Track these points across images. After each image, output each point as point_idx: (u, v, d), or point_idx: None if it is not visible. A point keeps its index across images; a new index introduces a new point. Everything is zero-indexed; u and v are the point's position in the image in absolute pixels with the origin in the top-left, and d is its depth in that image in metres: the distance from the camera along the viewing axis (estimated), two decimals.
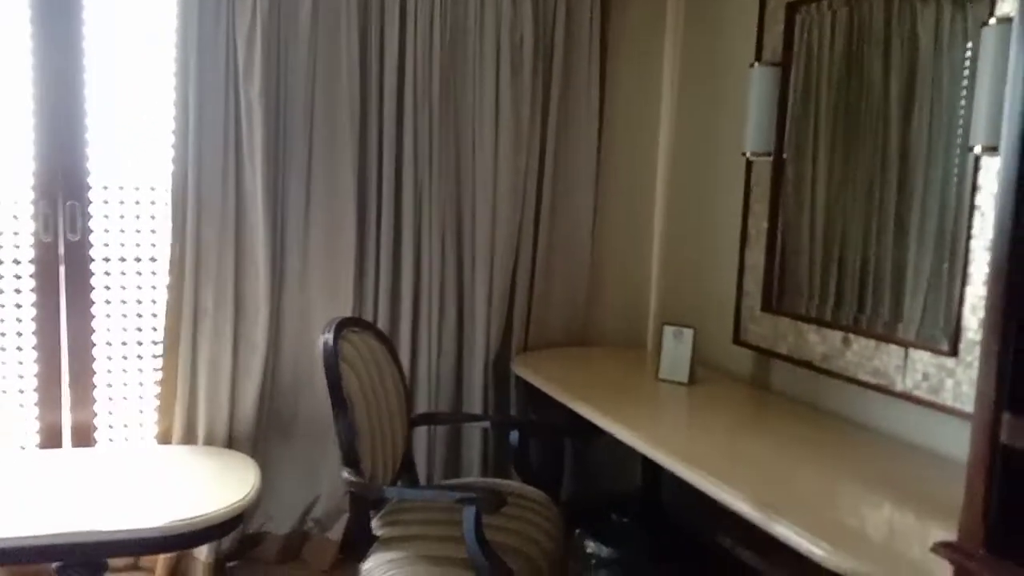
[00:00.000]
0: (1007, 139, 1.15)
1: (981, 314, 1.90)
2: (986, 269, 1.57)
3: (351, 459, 2.07)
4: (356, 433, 2.09)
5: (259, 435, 2.81)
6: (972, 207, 1.95)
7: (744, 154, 2.66)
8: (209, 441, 2.73)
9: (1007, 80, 1.15)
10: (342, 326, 2.24)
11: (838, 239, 2.44)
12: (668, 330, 2.75)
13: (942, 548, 1.24)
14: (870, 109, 2.31)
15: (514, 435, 2.59)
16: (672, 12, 3.20)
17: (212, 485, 2.35)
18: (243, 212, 2.73)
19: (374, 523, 2.16)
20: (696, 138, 3.11)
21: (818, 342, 2.44)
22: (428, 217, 2.94)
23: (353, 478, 2.05)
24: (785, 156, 2.59)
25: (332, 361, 2.10)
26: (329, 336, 2.15)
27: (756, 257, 2.71)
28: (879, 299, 2.29)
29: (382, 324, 2.86)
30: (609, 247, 3.30)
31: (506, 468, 3.07)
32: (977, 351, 1.77)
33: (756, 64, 2.60)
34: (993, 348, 1.17)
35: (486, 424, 2.98)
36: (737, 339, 2.80)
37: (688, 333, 2.70)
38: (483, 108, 2.96)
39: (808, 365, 2.47)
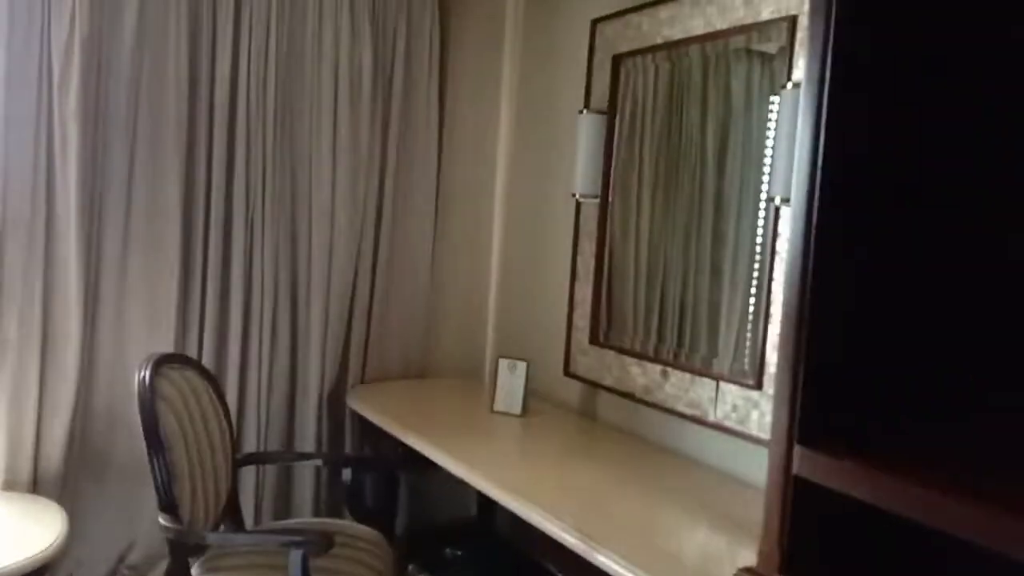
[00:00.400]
0: (795, 193, 1.28)
1: None
2: None
3: (168, 504, 1.96)
4: (174, 476, 1.98)
5: (68, 477, 2.58)
6: (774, 252, 2.14)
7: (573, 195, 2.78)
8: (9, 486, 2.48)
9: (796, 140, 1.28)
10: (161, 362, 2.12)
11: (660, 278, 2.59)
12: (503, 363, 2.80)
13: (743, 573, 1.34)
14: (689, 157, 2.48)
15: (347, 472, 2.54)
16: (509, 52, 3.30)
17: (11, 534, 2.13)
18: (54, 233, 2.51)
19: (194, 571, 2.04)
20: (531, 177, 3.21)
21: (640, 374, 2.57)
22: (260, 244, 2.85)
23: (170, 524, 1.93)
24: (611, 199, 2.73)
25: (148, 400, 1.98)
26: (146, 373, 2.03)
27: (584, 293, 2.83)
28: (696, 335, 2.45)
29: (207, 359, 2.73)
30: (448, 280, 3.33)
31: (339, 506, 3.00)
32: None
33: (584, 111, 2.74)
34: (785, 383, 1.28)
35: (318, 462, 2.90)
36: (567, 371, 2.90)
37: (522, 366, 2.77)
38: (320, 131, 2.92)
39: (631, 397, 2.59)
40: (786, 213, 2.10)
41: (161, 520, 1.94)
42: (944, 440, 1.29)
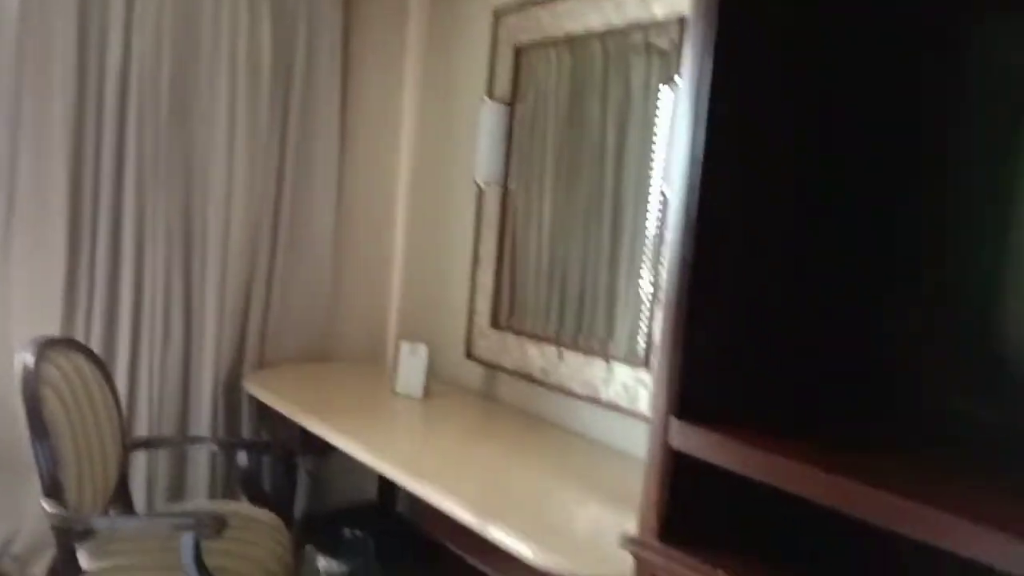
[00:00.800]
0: (676, 185, 1.36)
1: None
2: None
3: (52, 489, 1.90)
4: (58, 462, 1.92)
5: None
6: (662, 239, 2.24)
7: (476, 182, 2.82)
8: None
9: (676, 134, 1.36)
10: (45, 346, 2.05)
11: (560, 264, 2.66)
12: (404, 345, 2.83)
13: (625, 541, 1.42)
14: (589, 147, 2.55)
15: (242, 456, 2.51)
16: (412, 38, 3.31)
17: None
18: None
19: (82, 555, 1.99)
20: (434, 163, 3.23)
21: (538, 356, 2.64)
22: (152, 227, 2.77)
23: (55, 510, 1.88)
24: (512, 186, 2.79)
25: (32, 385, 1.92)
26: (29, 357, 1.96)
27: (485, 277, 2.88)
28: (593, 319, 2.53)
29: (96, 343, 2.64)
30: (350, 264, 3.32)
31: (236, 491, 2.96)
32: None
33: (487, 99, 2.78)
34: (665, 363, 1.37)
35: (212, 446, 2.85)
36: (469, 354, 2.95)
37: (423, 348, 2.80)
38: (216, 115, 2.85)
39: (530, 378, 2.67)
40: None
41: (45, 506, 1.88)
42: (806, 417, 1.40)
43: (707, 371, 1.35)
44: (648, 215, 2.33)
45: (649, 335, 2.27)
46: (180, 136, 2.81)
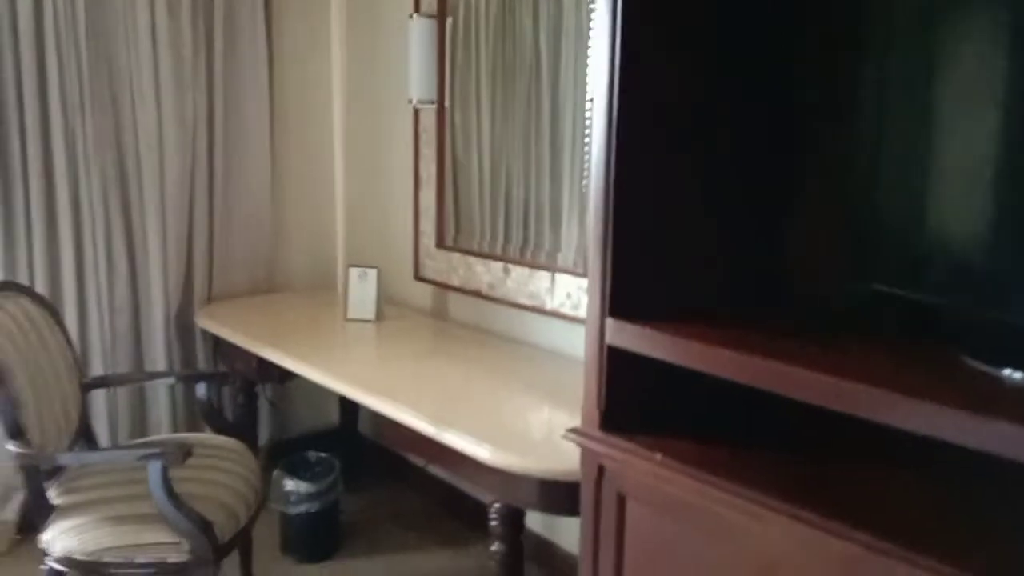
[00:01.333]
0: (596, 96, 1.40)
1: None
2: None
3: (16, 431, 1.93)
4: (18, 404, 1.95)
5: None
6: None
7: (411, 102, 2.81)
8: None
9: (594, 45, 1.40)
10: None
11: (503, 180, 2.70)
12: (353, 271, 2.87)
13: (570, 433, 1.52)
14: (523, 60, 2.55)
15: (200, 387, 2.55)
16: None
17: None
18: None
19: (51, 493, 2.05)
20: (366, 86, 3.21)
21: (484, 272, 2.71)
22: (85, 166, 2.73)
23: (20, 449, 1.92)
24: (448, 104, 2.79)
25: None
26: None
27: (428, 198, 2.91)
28: (539, 233, 2.58)
29: (41, 285, 2.63)
30: (291, 193, 3.32)
31: (198, 423, 3.02)
32: None
33: (414, 15, 2.75)
34: (597, 266, 1.44)
35: (170, 380, 2.89)
36: (417, 275, 3.01)
37: (372, 273, 2.84)
38: (139, 47, 2.80)
39: (477, 294, 2.74)
40: None
41: (10, 446, 1.92)
42: (726, 309, 1.50)
43: (634, 271, 1.43)
44: (587, 126, 2.37)
45: None
46: (101, 68, 2.74)
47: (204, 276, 3.06)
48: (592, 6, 2.27)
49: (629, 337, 1.40)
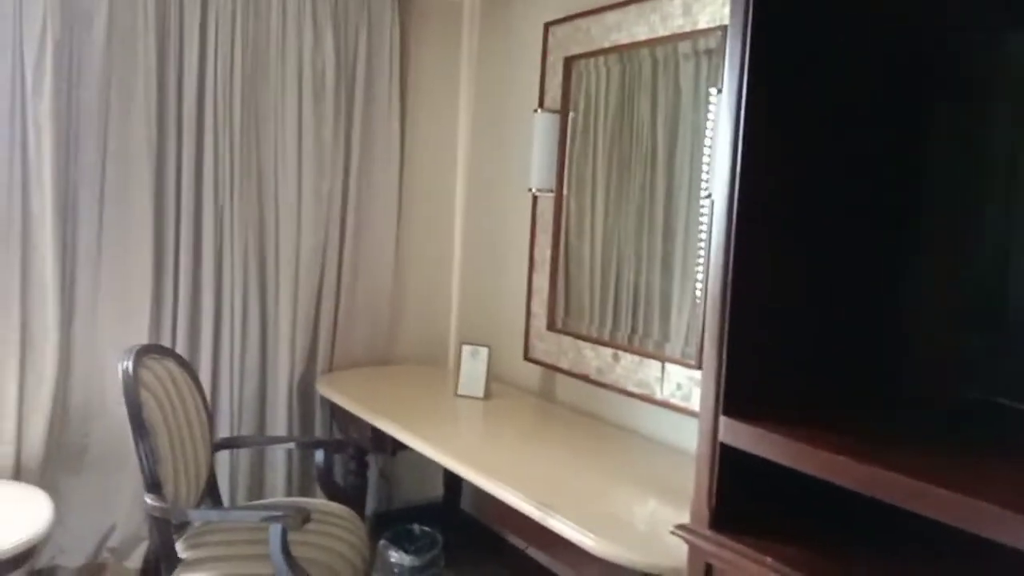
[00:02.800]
0: (717, 191, 1.45)
1: None
2: None
3: (153, 484, 2.09)
4: (157, 459, 2.11)
5: (47, 466, 2.69)
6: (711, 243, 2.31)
7: (530, 190, 2.94)
8: None
9: (716, 142, 1.46)
10: (141, 353, 2.24)
11: (613, 268, 2.76)
12: (466, 348, 2.96)
13: (679, 529, 1.52)
14: (640, 153, 2.63)
15: (319, 454, 2.68)
16: (466, 51, 3.45)
17: None
18: (29, 234, 2.60)
19: (178, 547, 2.18)
20: (489, 172, 3.37)
21: (593, 358, 2.75)
22: (230, 240, 2.97)
23: (156, 503, 2.06)
24: (565, 192, 2.90)
25: (132, 388, 2.11)
26: (128, 363, 2.15)
27: (541, 282, 3.00)
28: (648, 321, 2.61)
29: (181, 349, 2.85)
30: (411, 272, 3.48)
31: (311, 487, 3.15)
32: None
33: (539, 110, 2.90)
34: (711, 362, 1.47)
35: (290, 445, 3.04)
36: (527, 356, 3.07)
37: (484, 351, 2.93)
38: (285, 132, 3.04)
39: (586, 378, 2.78)
40: None
41: (147, 499, 2.07)
42: (841, 408, 1.49)
43: (749, 368, 1.45)
44: (701, 218, 2.41)
45: (702, 335, 2.36)
46: (251, 149, 3.00)
47: (327, 346, 3.23)
48: (711, 101, 2.34)
49: (743, 437, 1.41)
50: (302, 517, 2.02)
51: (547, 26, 2.95)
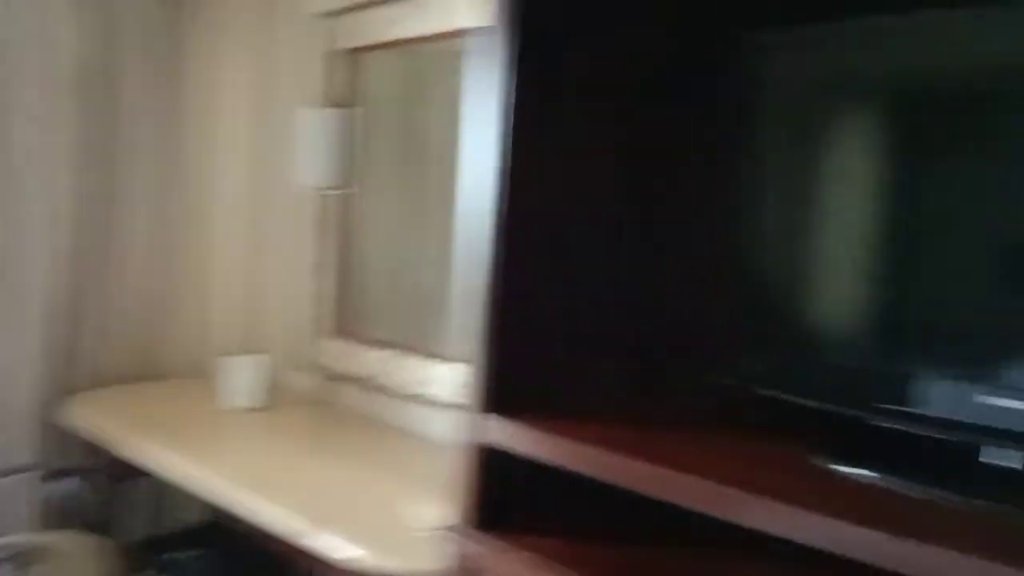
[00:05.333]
0: (474, 192, 1.41)
1: None
2: None
3: None
4: None
5: None
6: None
7: (308, 188, 2.80)
8: None
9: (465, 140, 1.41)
10: None
11: (400, 268, 2.68)
12: (241, 358, 2.76)
13: (445, 531, 1.46)
14: (422, 150, 2.58)
15: (69, 482, 2.38)
16: (241, 44, 3.23)
17: None
18: None
19: None
20: (263, 170, 3.17)
21: (376, 361, 2.66)
22: None
23: None
24: (348, 192, 2.78)
25: None
26: None
27: (322, 285, 2.87)
28: (432, 321, 2.57)
29: None
30: (183, 277, 3.21)
31: (59, 519, 2.80)
32: None
33: (321, 105, 2.76)
34: (479, 360, 1.42)
35: (27, 475, 2.69)
36: (307, 362, 2.92)
37: (262, 359, 2.75)
38: (36, 127, 2.71)
39: (368, 383, 2.68)
40: None
41: None
42: (612, 400, 1.50)
43: (519, 366, 1.42)
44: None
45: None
46: None
47: (76, 364, 2.90)
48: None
49: (510, 435, 1.37)
50: (32, 555, 1.77)
51: (327, 16, 2.82)
